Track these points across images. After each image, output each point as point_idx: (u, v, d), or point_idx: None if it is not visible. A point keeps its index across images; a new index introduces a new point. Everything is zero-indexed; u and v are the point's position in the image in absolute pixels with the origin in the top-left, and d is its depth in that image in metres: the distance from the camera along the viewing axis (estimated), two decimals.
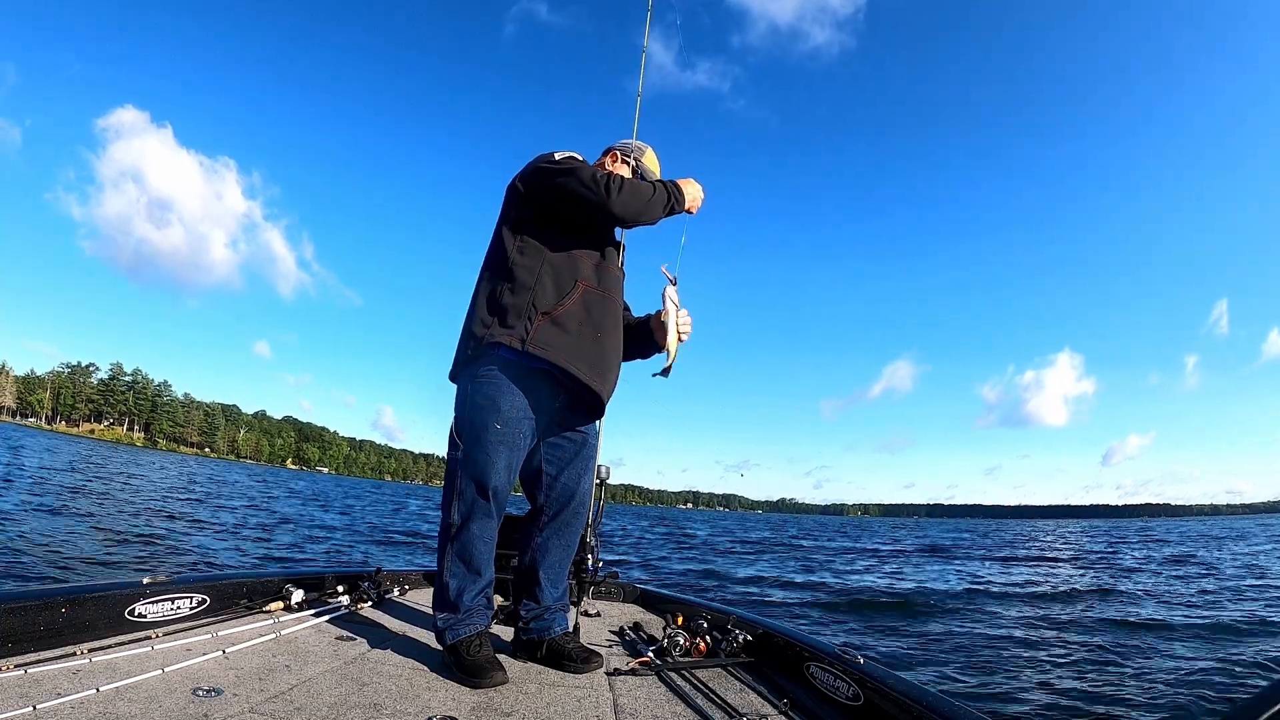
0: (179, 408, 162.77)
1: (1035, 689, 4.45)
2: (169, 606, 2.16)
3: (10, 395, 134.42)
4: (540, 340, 2.01)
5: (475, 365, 2.08)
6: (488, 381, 2.05)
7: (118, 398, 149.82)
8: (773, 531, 32.01)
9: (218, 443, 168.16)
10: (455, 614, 2.06)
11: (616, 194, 2.06)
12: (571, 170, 2.09)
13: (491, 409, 2.04)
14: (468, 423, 2.08)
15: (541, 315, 2.03)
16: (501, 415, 2.04)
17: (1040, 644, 5.94)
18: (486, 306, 2.10)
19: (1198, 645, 5.89)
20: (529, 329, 2.01)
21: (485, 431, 2.04)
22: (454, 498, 2.07)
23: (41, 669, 1.62)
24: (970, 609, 8.10)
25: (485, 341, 2.04)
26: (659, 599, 3.26)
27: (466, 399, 2.09)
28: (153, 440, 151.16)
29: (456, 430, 2.10)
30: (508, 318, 2.04)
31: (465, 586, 2.07)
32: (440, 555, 2.11)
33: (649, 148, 2.50)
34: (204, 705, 1.53)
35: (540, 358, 2.01)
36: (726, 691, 1.98)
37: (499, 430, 2.04)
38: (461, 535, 2.07)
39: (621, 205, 2.08)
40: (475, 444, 2.06)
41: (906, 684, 1.75)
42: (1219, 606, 8.27)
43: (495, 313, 2.07)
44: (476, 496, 2.06)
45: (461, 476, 2.06)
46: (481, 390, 2.06)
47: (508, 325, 2.03)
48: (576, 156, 2.20)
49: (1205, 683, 4.61)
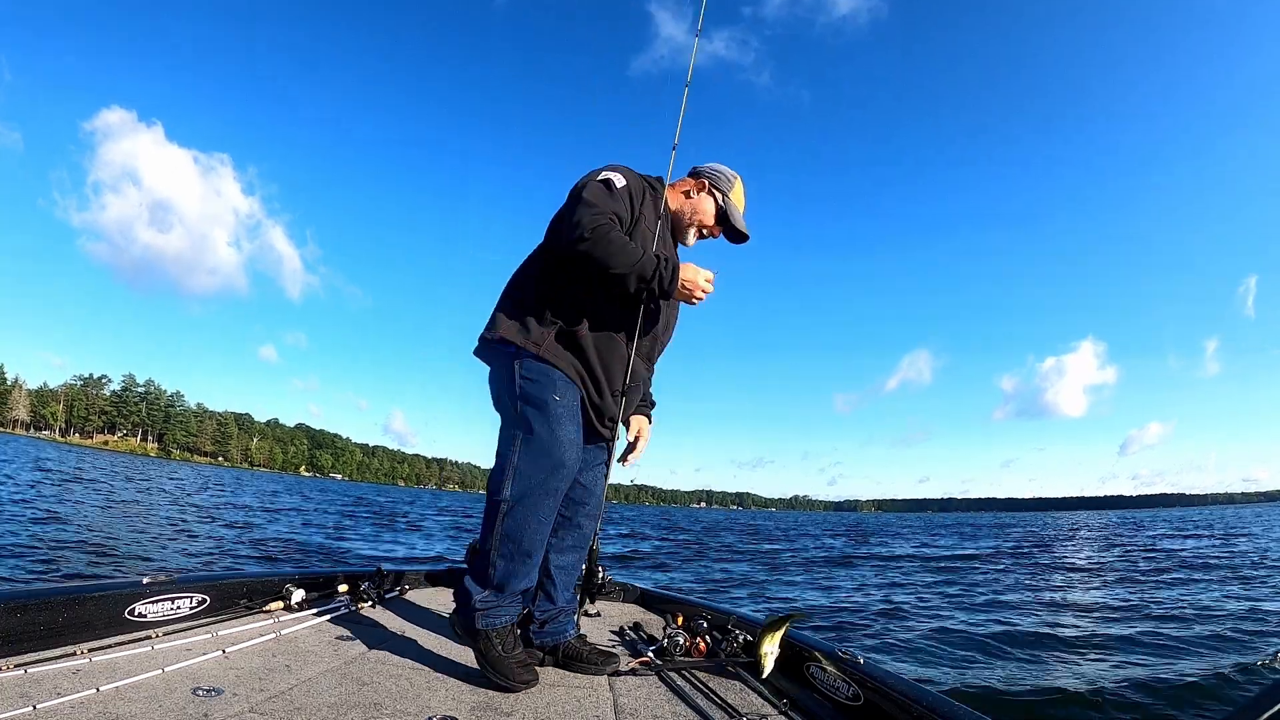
0: (192, 418, 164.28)
1: (1036, 689, 4.41)
2: (169, 606, 2.18)
3: (24, 408, 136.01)
4: (550, 350, 2.00)
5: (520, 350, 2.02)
6: (539, 362, 1.99)
7: (131, 409, 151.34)
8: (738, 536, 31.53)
9: (231, 452, 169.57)
10: (499, 595, 1.94)
11: (593, 238, 1.91)
12: (589, 202, 1.98)
13: (549, 383, 1.98)
14: (525, 393, 1.97)
15: (555, 330, 2.02)
16: (558, 389, 1.98)
17: (1040, 644, 5.89)
18: (510, 309, 2.06)
19: (1199, 645, 5.82)
20: (544, 335, 2.00)
21: (546, 404, 1.95)
22: (509, 472, 1.93)
23: (41, 669, 1.64)
24: (970, 608, 8.05)
25: (507, 338, 2.01)
26: (659, 599, 3.25)
27: (516, 374, 1.99)
28: (166, 451, 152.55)
29: (511, 400, 1.99)
30: (527, 323, 2.01)
31: (514, 569, 1.94)
32: (487, 531, 1.95)
33: (739, 179, 2.32)
34: (204, 705, 1.53)
35: (551, 364, 1.99)
36: (726, 691, 1.97)
37: (558, 402, 1.97)
38: (517, 512, 1.92)
39: (591, 248, 1.91)
40: (538, 416, 1.95)
41: (906, 684, 1.74)
42: (1212, 603, 8.16)
43: (517, 314, 2.04)
44: (536, 471, 1.93)
45: (521, 450, 1.94)
46: (535, 366, 1.99)
47: (525, 329, 2.00)
48: (615, 180, 2.06)
49: (1206, 682, 4.57)
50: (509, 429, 2.00)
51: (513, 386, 1.98)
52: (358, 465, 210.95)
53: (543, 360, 1.98)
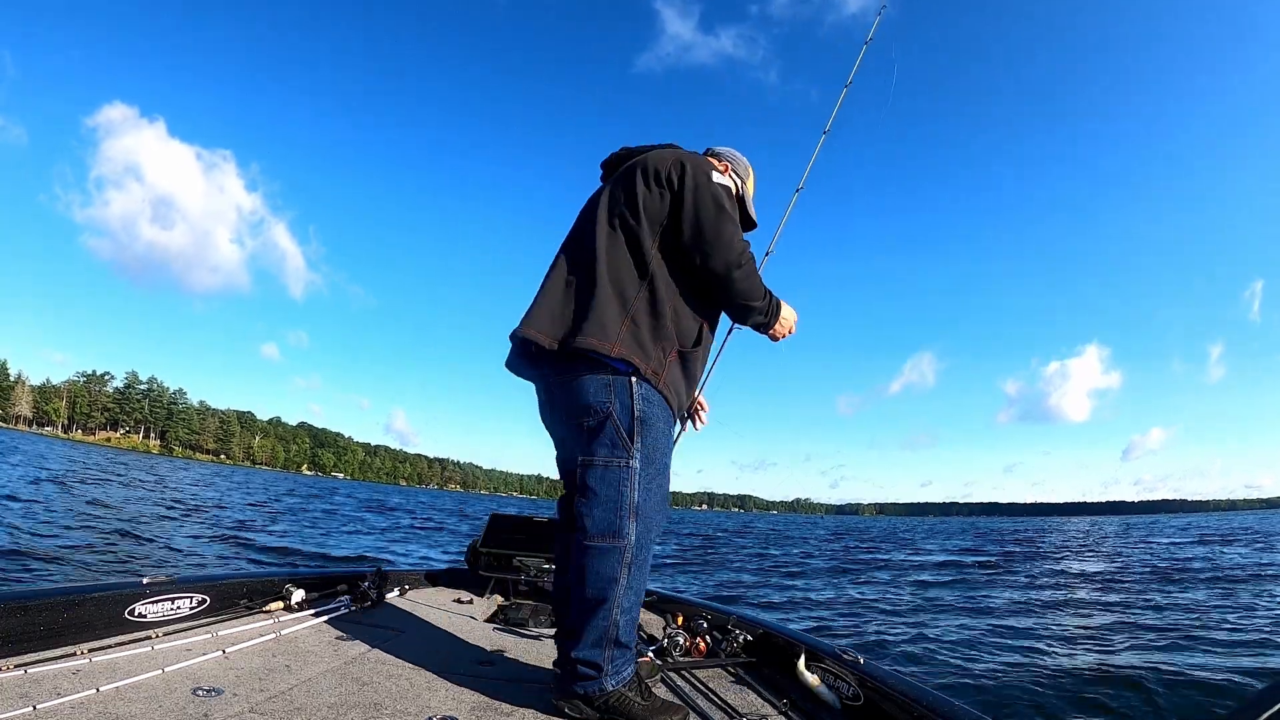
0: (195, 415, 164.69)
1: (1036, 688, 4.40)
2: (169, 606, 2.17)
3: (27, 405, 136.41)
4: (670, 379, 1.82)
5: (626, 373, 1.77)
6: (657, 392, 1.79)
7: (134, 406, 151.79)
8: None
9: (233, 450, 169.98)
10: (626, 653, 1.74)
11: (747, 267, 1.85)
12: (732, 217, 1.85)
13: (665, 414, 1.81)
14: (645, 418, 1.76)
15: (675, 351, 1.82)
16: (669, 421, 1.84)
17: (1041, 642, 5.88)
18: (620, 316, 1.76)
19: (1202, 644, 5.80)
20: (664, 362, 1.80)
21: (661, 435, 1.80)
22: (628, 510, 1.71)
23: (41, 669, 1.63)
24: (968, 607, 8.03)
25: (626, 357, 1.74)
26: (659, 599, 3.25)
27: (635, 395, 1.74)
28: (169, 448, 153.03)
29: (626, 424, 1.73)
30: (644, 337, 1.78)
31: (636, 618, 1.77)
32: (607, 582, 1.68)
33: (753, 172, 2.23)
34: (204, 705, 1.53)
35: (664, 396, 1.81)
36: (726, 691, 1.97)
37: (669, 435, 1.84)
38: (641, 559, 1.73)
39: (741, 278, 1.84)
40: (655, 446, 1.77)
41: (907, 684, 1.74)
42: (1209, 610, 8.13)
43: (633, 321, 1.78)
44: (655, 509, 1.77)
45: (640, 484, 1.73)
46: (654, 394, 1.78)
47: (642, 345, 1.77)
48: (731, 187, 1.98)
49: (1211, 683, 4.55)
50: (615, 455, 1.73)
51: (629, 408, 1.73)
52: (359, 464, 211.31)
53: (660, 391, 1.79)
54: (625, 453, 1.72)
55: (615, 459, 1.72)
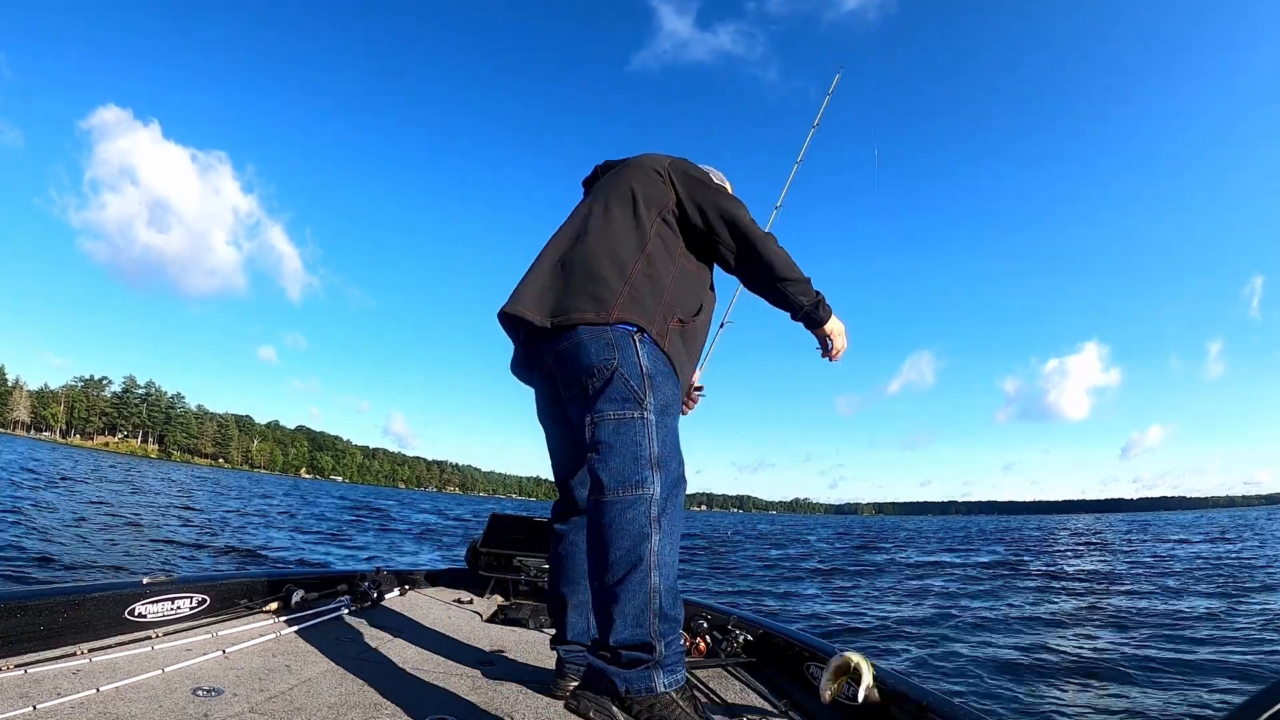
0: (193, 419, 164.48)
1: (1036, 688, 4.41)
2: (169, 606, 2.17)
3: (25, 410, 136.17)
4: (673, 349, 1.69)
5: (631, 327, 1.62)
6: (661, 352, 1.64)
7: (132, 410, 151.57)
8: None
9: (232, 454, 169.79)
10: (675, 628, 1.45)
11: (774, 244, 1.78)
12: (738, 201, 1.82)
13: (670, 372, 1.64)
14: (653, 373, 1.57)
15: (677, 319, 1.71)
16: (673, 383, 1.65)
17: (1041, 642, 5.88)
18: (619, 283, 1.63)
19: (1204, 643, 5.81)
20: (666, 328, 1.67)
21: (669, 393, 1.61)
22: (648, 460, 1.48)
23: (41, 669, 1.63)
24: (968, 607, 8.03)
25: (628, 319, 1.60)
26: None
27: (638, 350, 1.57)
28: (167, 452, 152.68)
29: (635, 376, 1.54)
30: (647, 302, 1.64)
31: (676, 594, 1.47)
32: (637, 539, 1.41)
33: (730, 187, 2.14)
34: (204, 705, 1.53)
35: (670, 361, 1.67)
36: (726, 691, 1.97)
37: (675, 396, 1.65)
38: (671, 516, 1.49)
39: (770, 255, 1.76)
40: (665, 398, 1.59)
41: (907, 684, 1.73)
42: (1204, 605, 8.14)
43: (633, 287, 1.63)
44: (675, 459, 1.56)
45: (656, 432, 1.52)
46: (658, 352, 1.62)
47: (644, 308, 1.63)
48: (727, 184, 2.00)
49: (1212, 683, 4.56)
50: (627, 408, 1.51)
51: (637, 363, 1.55)
52: (358, 467, 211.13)
53: (666, 354, 1.65)
54: (638, 404, 1.52)
55: (627, 412, 1.51)
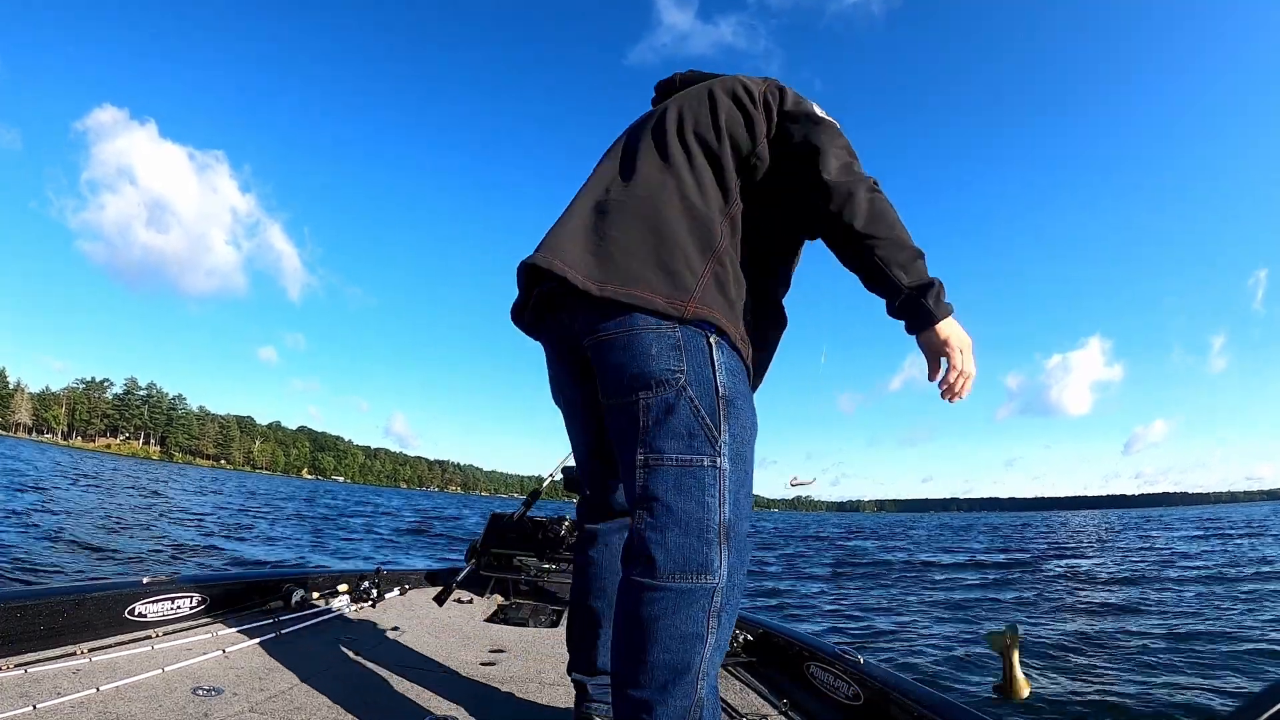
0: (194, 421, 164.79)
1: (1037, 687, 4.41)
2: (169, 606, 2.17)
3: (27, 412, 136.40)
4: (743, 339, 1.30)
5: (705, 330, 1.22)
6: (737, 356, 1.27)
7: (133, 412, 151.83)
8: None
9: (233, 455, 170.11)
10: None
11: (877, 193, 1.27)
12: (842, 136, 1.32)
13: (746, 386, 1.28)
14: (730, 394, 1.22)
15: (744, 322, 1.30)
16: (754, 413, 1.29)
17: (1040, 641, 5.88)
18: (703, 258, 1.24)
19: (1205, 644, 5.81)
20: (742, 329, 1.28)
21: (745, 414, 1.25)
22: (722, 536, 1.16)
23: (41, 668, 1.63)
24: (969, 607, 8.03)
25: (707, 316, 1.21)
26: None
27: (716, 363, 1.21)
28: (169, 454, 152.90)
29: (706, 398, 1.19)
30: (730, 290, 1.26)
31: (718, 701, 1.20)
32: (688, 641, 1.11)
33: None
34: (204, 705, 1.53)
35: (748, 369, 1.31)
36: (726, 691, 1.96)
37: (752, 412, 1.29)
38: (732, 605, 1.19)
39: (869, 207, 1.23)
40: (740, 428, 1.23)
41: (907, 684, 1.73)
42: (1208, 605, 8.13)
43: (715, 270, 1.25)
44: (747, 502, 1.24)
45: (730, 471, 1.19)
46: (735, 359, 1.25)
47: (729, 299, 1.25)
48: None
49: (1213, 683, 4.56)
50: (694, 450, 1.17)
51: (711, 381, 1.20)
52: (360, 468, 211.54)
53: (745, 363, 1.29)
54: (710, 446, 1.17)
55: (695, 456, 1.17)
